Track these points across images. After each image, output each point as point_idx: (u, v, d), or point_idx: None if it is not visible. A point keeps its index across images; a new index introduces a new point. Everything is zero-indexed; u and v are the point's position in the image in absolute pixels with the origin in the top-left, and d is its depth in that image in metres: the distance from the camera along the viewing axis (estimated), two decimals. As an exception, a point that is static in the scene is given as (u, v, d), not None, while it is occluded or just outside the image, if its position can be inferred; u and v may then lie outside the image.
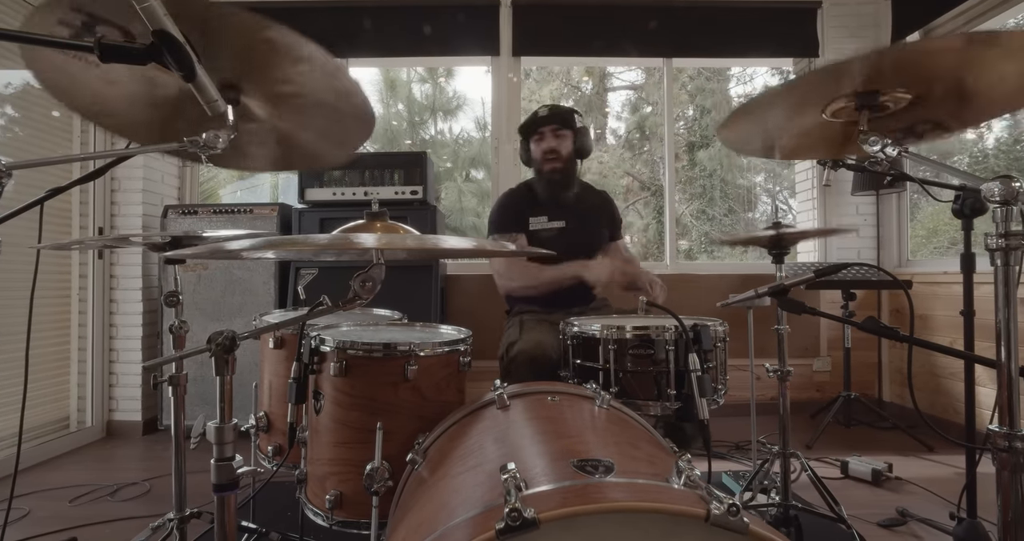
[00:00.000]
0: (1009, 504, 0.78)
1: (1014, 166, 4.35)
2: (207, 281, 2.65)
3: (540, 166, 1.99)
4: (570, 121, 1.97)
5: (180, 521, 1.32)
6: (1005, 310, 0.79)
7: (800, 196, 3.42)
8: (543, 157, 1.97)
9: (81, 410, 2.61)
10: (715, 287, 2.99)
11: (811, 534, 1.52)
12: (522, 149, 2.07)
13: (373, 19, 3.08)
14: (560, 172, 1.97)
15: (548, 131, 1.97)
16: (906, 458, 2.23)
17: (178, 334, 1.37)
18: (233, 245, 0.81)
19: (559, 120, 1.96)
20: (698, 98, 7.23)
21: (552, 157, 1.96)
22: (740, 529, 0.50)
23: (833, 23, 3.13)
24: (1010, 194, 0.74)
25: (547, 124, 1.96)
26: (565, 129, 1.97)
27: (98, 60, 0.60)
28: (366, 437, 1.03)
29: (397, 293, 2.42)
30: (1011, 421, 0.77)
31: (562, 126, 1.97)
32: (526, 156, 2.05)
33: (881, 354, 2.97)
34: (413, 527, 0.66)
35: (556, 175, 1.98)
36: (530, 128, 2.00)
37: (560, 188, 2.00)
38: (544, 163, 1.97)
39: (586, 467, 0.62)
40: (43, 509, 1.83)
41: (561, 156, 1.96)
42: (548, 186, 2.00)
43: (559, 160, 1.96)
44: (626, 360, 1.34)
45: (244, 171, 5.66)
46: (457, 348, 1.18)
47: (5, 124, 2.35)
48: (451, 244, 0.91)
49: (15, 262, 2.25)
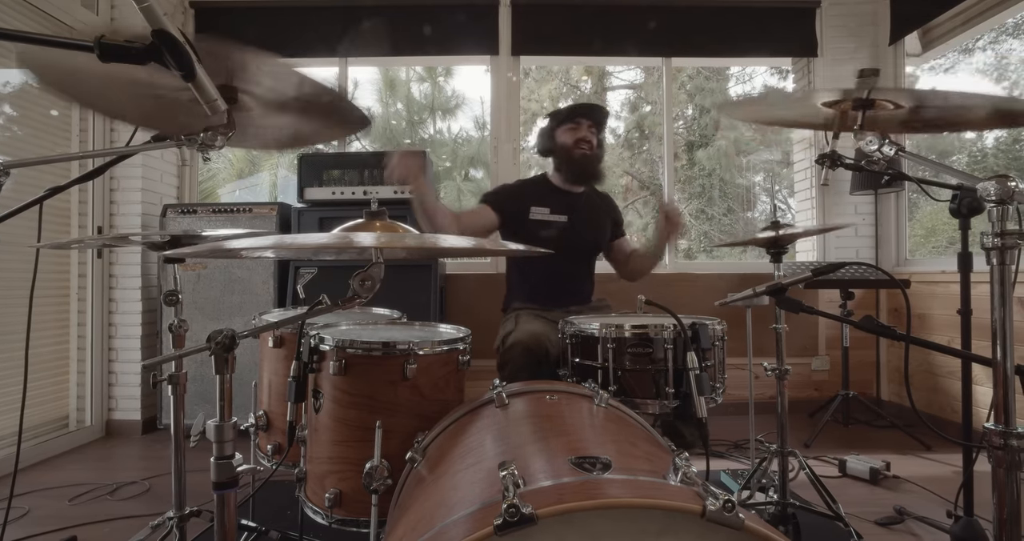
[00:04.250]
0: (1005, 502, 0.78)
1: (1013, 165, 4.36)
2: (206, 280, 2.65)
3: (570, 151, 1.98)
4: (604, 125, 2.03)
5: (180, 520, 1.32)
6: (1001, 309, 0.79)
7: (799, 195, 3.42)
8: (576, 143, 1.97)
9: (80, 409, 2.61)
10: (714, 286, 3.00)
11: (809, 532, 1.53)
12: (543, 138, 2.04)
13: (373, 18, 3.08)
14: (592, 158, 1.99)
15: (585, 124, 1.98)
16: (904, 457, 2.24)
17: (177, 333, 1.37)
18: (232, 244, 0.81)
19: (599, 118, 2.01)
20: (697, 97, 7.23)
21: (586, 146, 1.98)
22: (736, 525, 0.51)
23: (832, 23, 3.13)
24: (1006, 193, 0.75)
25: (589, 117, 1.98)
26: (597, 129, 2.01)
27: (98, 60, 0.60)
28: (365, 435, 1.03)
29: (396, 292, 2.42)
30: (1007, 419, 0.78)
31: (597, 126, 2.00)
32: (548, 144, 2.02)
33: (879, 353, 2.98)
34: (412, 525, 0.67)
35: (588, 159, 1.98)
36: (569, 114, 2.00)
37: (588, 172, 2.01)
38: (576, 148, 1.97)
39: (584, 464, 0.63)
40: (43, 508, 1.83)
41: (592, 147, 1.99)
42: (577, 168, 1.99)
43: (591, 149, 1.99)
44: (625, 359, 1.34)
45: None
46: (456, 347, 1.18)
47: (3, 123, 2.35)
48: (450, 243, 0.92)
49: (14, 262, 2.25)
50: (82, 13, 2.58)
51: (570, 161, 1.99)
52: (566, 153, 1.98)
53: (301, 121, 1.01)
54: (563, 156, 2.00)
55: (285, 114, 0.98)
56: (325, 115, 0.99)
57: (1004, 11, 2.54)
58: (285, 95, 0.90)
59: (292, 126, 1.03)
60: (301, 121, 1.01)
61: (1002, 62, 4.50)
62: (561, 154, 2.00)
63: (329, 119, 1.01)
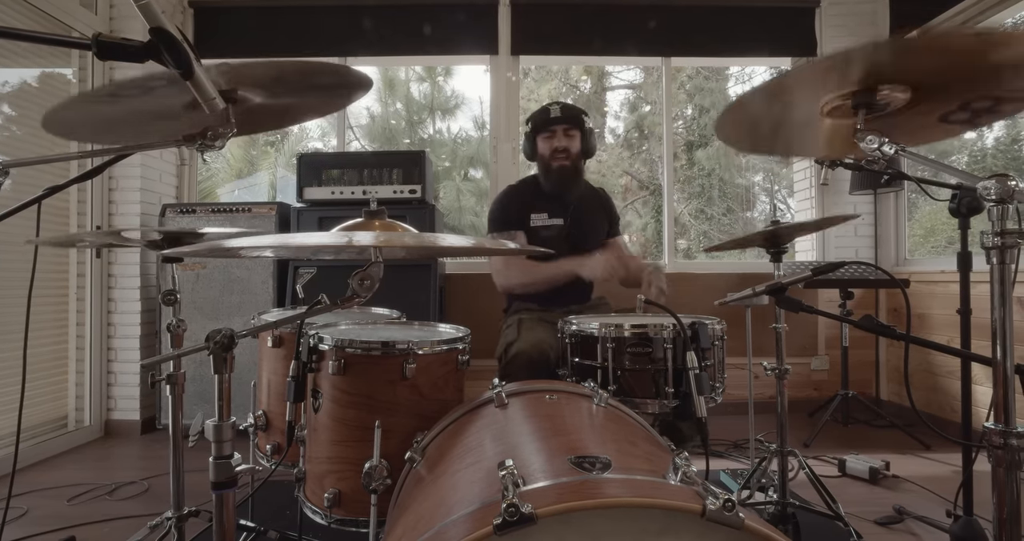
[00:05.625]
0: (1005, 501, 0.78)
1: (1012, 165, 4.36)
2: (205, 280, 2.64)
3: (548, 163, 1.99)
4: (581, 121, 1.99)
5: (178, 520, 1.32)
6: (1001, 308, 0.79)
7: (798, 195, 3.42)
8: (552, 154, 1.97)
9: (79, 409, 2.61)
10: (713, 286, 3.00)
11: (809, 532, 1.53)
12: (527, 143, 2.05)
13: (373, 18, 3.08)
14: (568, 170, 1.98)
15: (560, 130, 1.97)
16: (903, 456, 2.24)
17: (176, 333, 1.37)
18: (230, 243, 0.81)
19: (571, 120, 1.97)
20: (696, 97, 7.23)
21: (562, 156, 1.97)
22: (736, 524, 0.51)
23: (831, 22, 3.14)
24: (1006, 192, 0.74)
25: (560, 123, 1.97)
26: (575, 129, 1.98)
27: (96, 58, 0.60)
28: (364, 435, 1.03)
29: (396, 292, 2.41)
30: (1007, 419, 0.78)
31: (573, 126, 1.98)
32: (531, 150, 2.04)
33: (879, 353, 2.98)
34: (411, 524, 0.66)
35: (565, 172, 1.98)
36: (541, 124, 1.99)
37: (566, 185, 2.01)
38: (552, 160, 1.98)
39: (583, 464, 0.63)
40: (41, 508, 1.83)
41: (570, 154, 1.98)
42: (555, 182, 2.00)
43: (568, 158, 1.97)
44: (624, 358, 1.34)
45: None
46: (455, 346, 1.18)
47: (3, 123, 2.35)
48: (449, 242, 0.91)
49: (13, 261, 2.25)
50: (81, 13, 2.57)
51: (548, 173, 2.00)
52: (545, 164, 2.01)
53: (302, 98, 1.01)
54: (543, 166, 2.03)
55: (286, 96, 0.97)
56: (325, 88, 0.98)
57: (1003, 11, 2.54)
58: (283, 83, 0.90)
59: (293, 103, 1.03)
60: (302, 98, 1.01)
61: (1001, 62, 4.49)
62: (541, 163, 2.03)
63: (330, 90, 1.00)
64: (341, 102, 1.07)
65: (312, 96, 1.00)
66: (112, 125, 0.95)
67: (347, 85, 0.97)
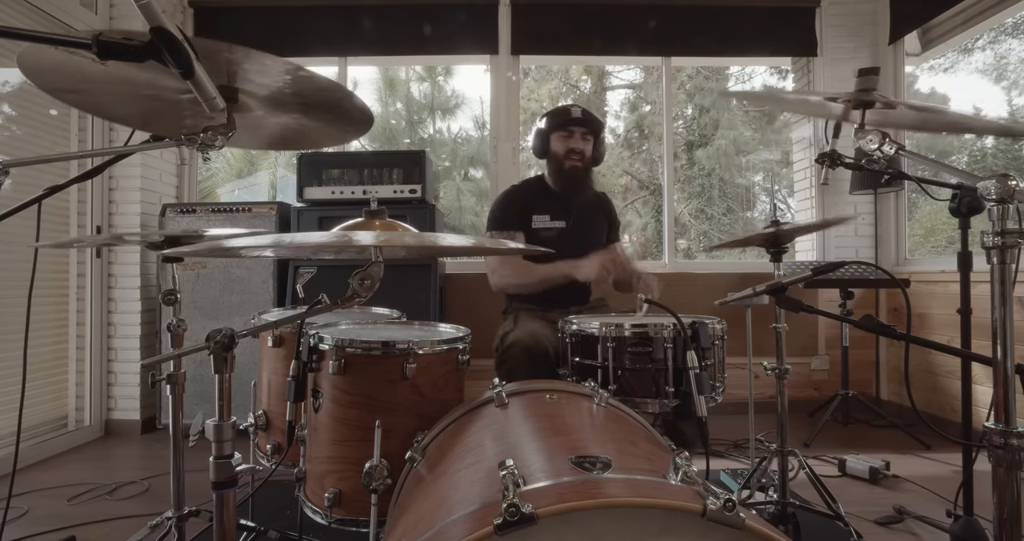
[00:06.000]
0: (1005, 501, 0.78)
1: (1012, 165, 4.36)
2: (205, 280, 2.64)
3: (561, 161, 1.99)
4: (598, 130, 2.01)
5: (178, 519, 1.32)
6: (1001, 308, 0.79)
7: (798, 195, 3.42)
8: (567, 154, 1.97)
9: (79, 409, 2.61)
10: (713, 285, 3.00)
11: (809, 532, 1.53)
12: (539, 139, 2.03)
13: (373, 18, 3.08)
14: (580, 171, 1.99)
15: (578, 132, 1.98)
16: (903, 456, 2.24)
17: (176, 332, 1.37)
18: (231, 243, 0.81)
19: (591, 125, 1.99)
20: (696, 97, 7.24)
21: (576, 157, 1.98)
22: (736, 524, 0.51)
23: (832, 22, 3.13)
24: (1006, 192, 0.74)
25: (580, 125, 1.98)
26: (592, 135, 2.00)
27: (97, 57, 0.60)
28: (365, 435, 1.03)
29: (396, 291, 2.42)
30: (1007, 418, 0.78)
31: (591, 131, 1.99)
32: (542, 147, 2.02)
33: (879, 353, 2.98)
34: (411, 524, 0.66)
35: (576, 173, 1.98)
36: (560, 123, 1.99)
37: (575, 186, 2.01)
38: (567, 159, 1.98)
39: (584, 464, 0.63)
40: (41, 508, 1.83)
41: (584, 158, 1.98)
42: (565, 182, 2.00)
43: (581, 161, 1.98)
44: (624, 358, 1.34)
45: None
46: (456, 346, 1.18)
47: (3, 123, 2.34)
48: (449, 242, 0.91)
49: (13, 261, 2.24)
50: (81, 12, 2.57)
51: (559, 172, 2.00)
52: (557, 162, 2.00)
53: (302, 119, 1.01)
54: (554, 165, 2.02)
55: (286, 113, 0.98)
56: (327, 112, 0.99)
57: (1003, 11, 2.54)
58: (285, 92, 0.90)
59: (293, 124, 1.03)
60: (302, 119, 1.01)
61: (1001, 62, 4.51)
62: (552, 162, 2.02)
63: (331, 117, 1.01)
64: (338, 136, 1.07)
65: (311, 118, 1.00)
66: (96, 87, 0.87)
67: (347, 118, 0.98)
